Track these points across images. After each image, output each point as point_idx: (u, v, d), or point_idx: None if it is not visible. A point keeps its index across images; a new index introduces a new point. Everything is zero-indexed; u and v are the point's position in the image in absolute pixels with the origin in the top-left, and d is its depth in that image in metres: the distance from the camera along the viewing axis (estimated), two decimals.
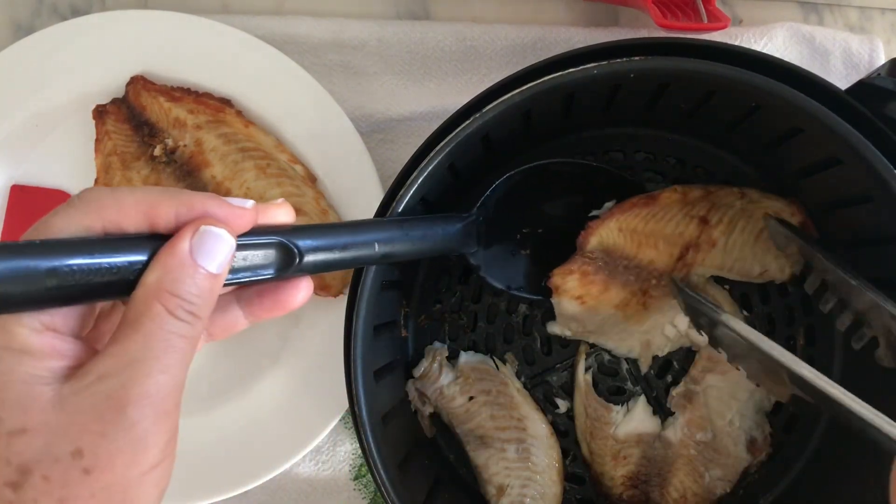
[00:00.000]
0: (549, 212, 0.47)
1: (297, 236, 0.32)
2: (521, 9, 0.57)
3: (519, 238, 0.47)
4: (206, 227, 0.28)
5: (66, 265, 0.25)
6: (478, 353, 0.51)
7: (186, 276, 0.28)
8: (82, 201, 0.27)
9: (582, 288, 0.47)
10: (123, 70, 0.53)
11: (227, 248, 0.29)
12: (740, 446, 0.49)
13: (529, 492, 0.49)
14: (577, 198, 0.48)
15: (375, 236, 0.36)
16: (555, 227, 0.47)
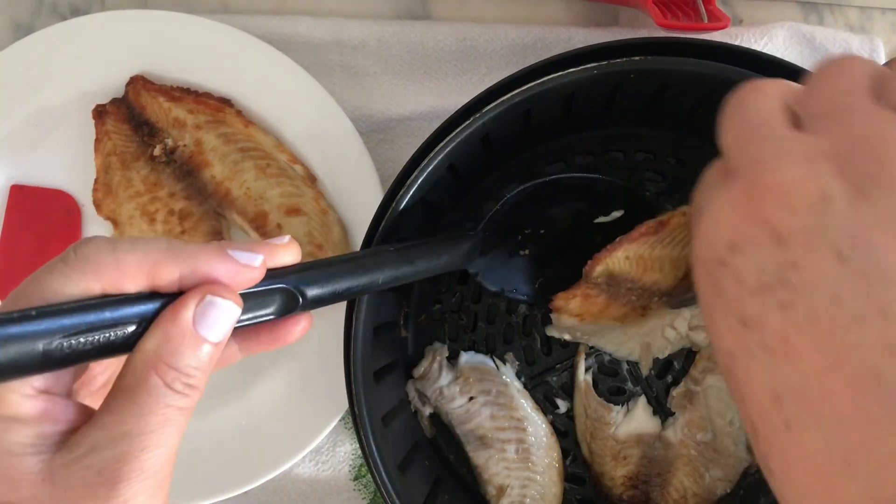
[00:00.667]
0: (553, 215, 0.46)
1: (302, 280, 0.31)
2: (521, 9, 0.57)
3: (519, 239, 0.46)
4: (212, 297, 0.27)
5: (64, 334, 0.25)
6: (478, 353, 0.51)
7: (187, 349, 0.26)
8: (80, 259, 0.26)
9: (583, 308, 0.48)
10: (123, 70, 0.53)
11: (232, 318, 0.28)
12: (741, 446, 0.49)
13: (529, 492, 0.49)
14: (582, 204, 0.47)
15: (380, 274, 0.35)
16: (557, 229, 0.46)
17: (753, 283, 0.23)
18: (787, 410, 0.22)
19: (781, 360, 0.22)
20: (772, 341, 0.23)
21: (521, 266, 0.46)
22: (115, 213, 0.52)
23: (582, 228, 0.46)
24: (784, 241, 0.23)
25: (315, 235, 0.52)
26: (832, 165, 0.23)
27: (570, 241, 0.46)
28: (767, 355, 0.23)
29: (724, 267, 0.24)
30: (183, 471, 0.52)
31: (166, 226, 0.52)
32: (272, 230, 0.52)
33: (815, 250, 0.22)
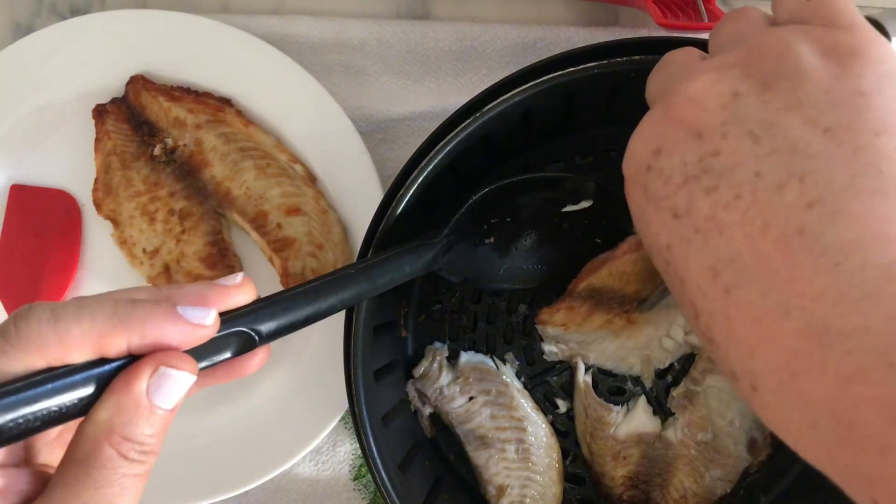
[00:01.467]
0: (521, 203, 0.45)
1: (258, 319, 0.30)
2: (521, 9, 0.57)
3: (485, 229, 0.44)
4: (167, 369, 0.26)
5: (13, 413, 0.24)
6: (478, 353, 0.51)
7: (141, 418, 0.26)
8: (20, 337, 0.25)
9: (567, 318, 0.49)
10: (123, 70, 0.53)
11: (186, 385, 0.27)
12: (741, 446, 0.49)
13: (529, 492, 0.49)
14: (552, 193, 0.46)
15: (340, 297, 0.34)
16: (523, 217, 0.45)
17: (679, 178, 0.26)
18: (725, 278, 0.24)
19: (714, 237, 0.24)
20: (703, 223, 0.25)
21: (486, 254, 0.45)
22: (115, 213, 0.52)
23: (549, 216, 0.45)
24: (702, 135, 0.25)
25: (315, 235, 0.52)
26: (738, 70, 0.26)
27: (537, 227, 0.45)
28: (700, 236, 0.25)
29: (649, 171, 0.27)
30: (183, 471, 0.52)
31: (166, 225, 0.52)
32: (272, 230, 0.52)
33: (732, 137, 0.25)
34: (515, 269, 0.46)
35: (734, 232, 0.24)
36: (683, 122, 0.26)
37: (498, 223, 0.43)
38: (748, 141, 0.24)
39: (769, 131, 0.24)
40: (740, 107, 0.25)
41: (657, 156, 0.27)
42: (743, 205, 0.24)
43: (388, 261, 0.37)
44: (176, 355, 0.27)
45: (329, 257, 0.52)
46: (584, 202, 0.45)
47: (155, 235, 0.52)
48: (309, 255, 0.51)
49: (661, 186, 0.26)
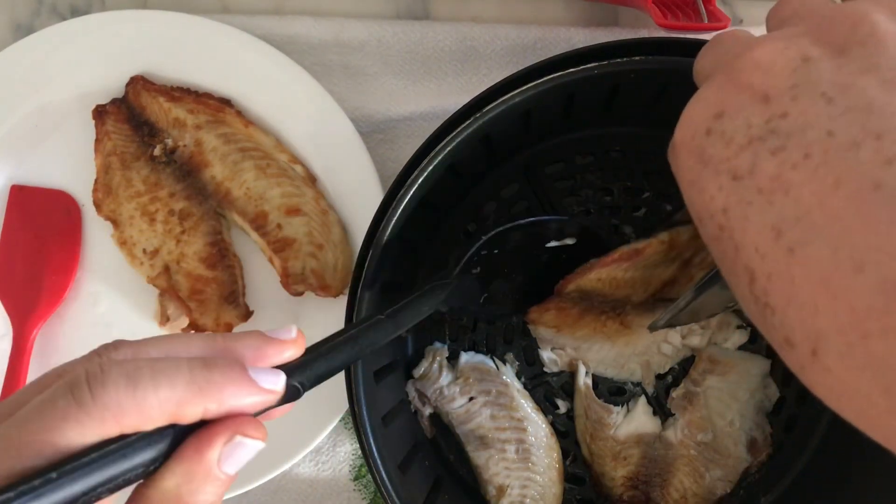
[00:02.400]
0: (508, 237, 0.45)
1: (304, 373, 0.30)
2: (521, 9, 0.57)
3: (475, 260, 0.44)
4: (242, 438, 0.26)
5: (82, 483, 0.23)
6: (478, 353, 0.51)
7: (209, 485, 0.26)
8: (97, 405, 0.24)
9: (558, 319, 0.49)
10: (123, 70, 0.53)
11: (255, 452, 0.27)
12: (741, 446, 0.49)
13: (529, 492, 0.49)
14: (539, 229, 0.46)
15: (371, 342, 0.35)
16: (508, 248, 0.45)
17: (743, 139, 0.25)
18: (790, 237, 0.23)
19: (779, 197, 0.23)
20: (767, 183, 0.24)
21: (472, 285, 0.45)
22: (115, 213, 0.52)
23: (532, 249, 0.45)
24: (769, 98, 0.25)
25: (315, 235, 0.52)
26: (808, 39, 0.25)
27: (519, 260, 0.46)
28: (764, 197, 0.24)
29: (709, 135, 0.26)
30: None
31: (166, 226, 0.52)
32: (272, 230, 0.52)
33: (803, 99, 0.24)
34: (495, 300, 0.46)
35: (802, 190, 0.23)
36: (750, 86, 0.25)
37: (487, 255, 0.43)
38: (821, 102, 0.23)
39: (844, 92, 0.23)
40: (812, 70, 0.24)
41: (719, 119, 0.26)
42: (813, 164, 0.23)
43: (411, 305, 0.38)
44: (251, 424, 0.27)
45: (329, 257, 0.52)
46: (568, 240, 0.45)
47: (155, 236, 0.52)
48: (309, 256, 0.51)
49: (722, 149, 0.25)
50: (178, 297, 0.51)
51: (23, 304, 0.53)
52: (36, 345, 0.53)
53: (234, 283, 0.52)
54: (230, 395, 0.26)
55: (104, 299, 0.54)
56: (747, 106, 0.25)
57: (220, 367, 0.26)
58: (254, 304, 0.53)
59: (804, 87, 0.24)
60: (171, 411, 0.25)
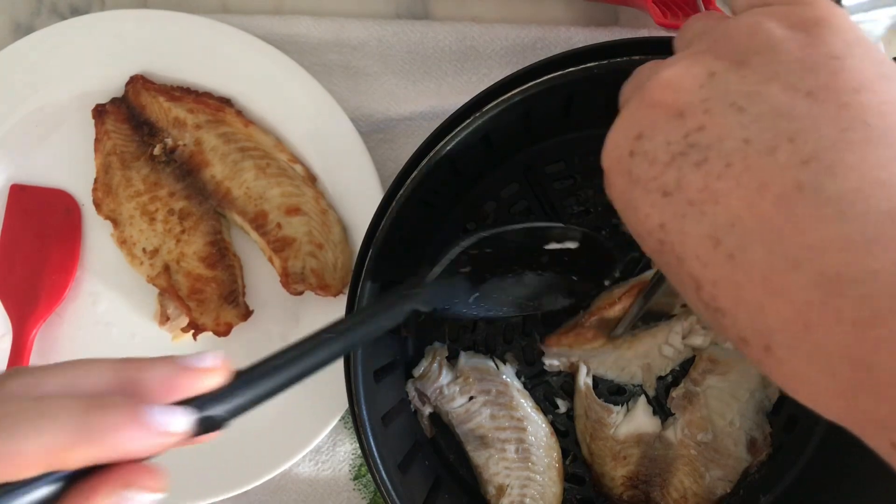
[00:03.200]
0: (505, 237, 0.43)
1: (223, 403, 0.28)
2: (521, 9, 0.57)
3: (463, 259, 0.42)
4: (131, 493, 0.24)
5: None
6: (478, 353, 0.51)
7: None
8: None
9: (573, 342, 0.50)
10: (123, 70, 0.53)
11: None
12: (741, 446, 0.49)
13: (529, 492, 0.49)
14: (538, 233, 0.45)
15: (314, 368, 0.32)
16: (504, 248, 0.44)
17: (665, 156, 0.26)
18: (727, 244, 0.24)
19: (710, 207, 0.24)
20: (696, 195, 0.25)
21: (460, 284, 0.43)
22: (114, 213, 0.52)
23: (531, 250, 0.44)
24: (684, 114, 0.26)
25: (315, 235, 0.52)
26: (710, 55, 0.26)
27: (516, 260, 0.44)
28: (695, 208, 0.25)
29: (632, 156, 0.27)
30: (183, 471, 0.52)
31: (166, 225, 0.52)
32: (272, 230, 0.52)
33: (715, 111, 0.25)
34: (488, 298, 0.44)
35: (730, 198, 0.24)
36: (662, 104, 0.26)
37: (477, 254, 0.42)
38: (732, 112, 0.25)
39: (752, 101, 0.24)
40: (719, 83, 0.25)
41: (639, 140, 0.27)
42: (735, 171, 0.24)
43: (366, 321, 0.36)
44: (143, 474, 0.24)
45: (329, 257, 0.52)
46: (569, 243, 0.45)
47: (155, 235, 0.52)
48: (309, 255, 0.51)
49: (647, 168, 0.26)
50: (178, 297, 0.51)
51: (23, 304, 0.53)
52: (36, 345, 0.53)
53: (233, 282, 0.52)
54: (122, 439, 0.24)
55: (104, 299, 0.54)
56: (663, 124, 0.26)
57: (113, 407, 0.24)
58: (254, 304, 0.53)
59: (715, 100, 0.25)
60: (49, 460, 0.23)
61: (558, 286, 0.46)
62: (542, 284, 0.46)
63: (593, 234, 0.44)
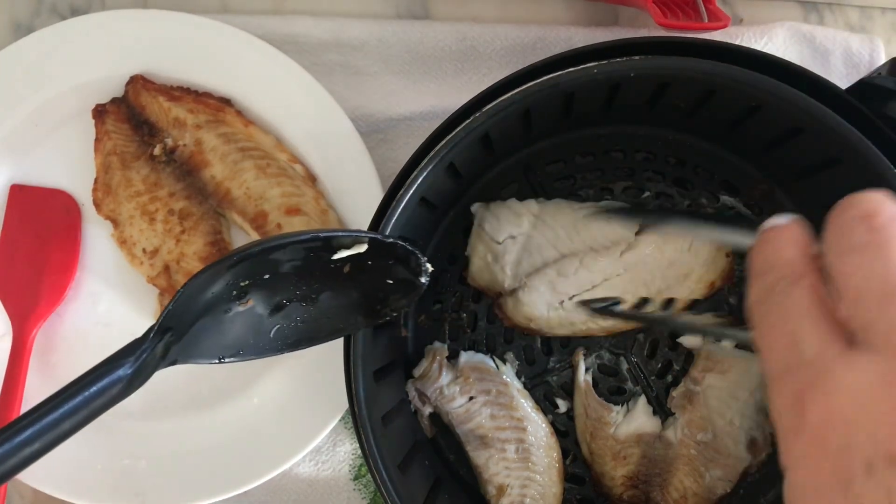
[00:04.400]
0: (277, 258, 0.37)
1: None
2: (521, 9, 0.57)
3: (234, 294, 0.36)
4: None
5: None
6: (478, 352, 0.51)
7: None
8: None
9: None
10: (123, 70, 0.53)
11: None
12: (741, 446, 0.49)
13: (529, 492, 0.49)
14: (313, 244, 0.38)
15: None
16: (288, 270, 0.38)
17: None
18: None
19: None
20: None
21: (246, 320, 0.38)
22: (114, 213, 0.52)
23: (323, 263, 0.39)
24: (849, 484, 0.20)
25: None
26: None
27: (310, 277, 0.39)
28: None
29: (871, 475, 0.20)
30: (183, 471, 0.52)
31: (166, 225, 0.52)
32: (272, 230, 0.52)
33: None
34: (291, 328, 0.40)
35: None
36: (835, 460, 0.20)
37: (252, 283, 0.37)
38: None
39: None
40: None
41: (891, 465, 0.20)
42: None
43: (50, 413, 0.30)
44: None
45: None
46: (358, 246, 0.39)
47: (155, 235, 0.52)
48: None
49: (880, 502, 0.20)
50: None
51: (23, 304, 0.53)
52: (36, 345, 0.53)
53: None
54: None
55: (104, 299, 0.54)
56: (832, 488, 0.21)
57: None
58: None
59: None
60: None
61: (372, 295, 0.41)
62: (351, 297, 0.41)
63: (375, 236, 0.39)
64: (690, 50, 0.40)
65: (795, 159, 0.45)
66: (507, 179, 0.52)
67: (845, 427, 0.20)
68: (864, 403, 0.20)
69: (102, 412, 0.32)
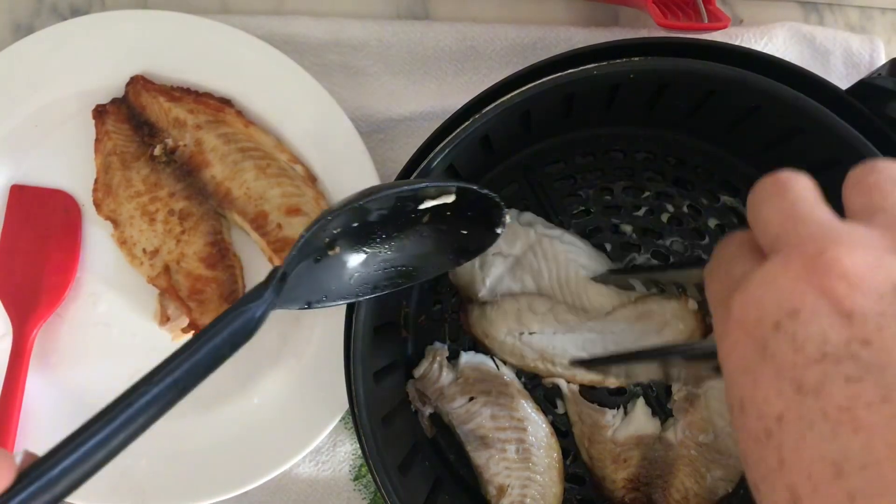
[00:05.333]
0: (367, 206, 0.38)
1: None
2: (521, 9, 0.57)
3: (326, 242, 0.38)
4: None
5: None
6: (478, 353, 0.51)
7: None
8: None
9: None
10: (123, 70, 0.53)
11: None
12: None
13: (530, 492, 0.49)
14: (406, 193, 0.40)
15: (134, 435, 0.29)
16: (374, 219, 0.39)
17: (815, 352, 0.23)
18: (851, 483, 0.21)
19: (846, 432, 0.21)
20: (833, 412, 0.22)
21: (331, 267, 0.39)
22: (114, 213, 0.52)
23: (405, 212, 0.40)
24: (853, 318, 0.23)
25: None
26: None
27: (392, 226, 0.40)
28: (828, 425, 0.22)
29: (777, 330, 0.24)
30: (183, 471, 0.52)
31: (166, 226, 0.52)
32: (272, 230, 0.52)
33: (888, 333, 0.22)
34: (371, 274, 0.41)
35: (874, 437, 0.21)
36: (832, 294, 0.23)
37: (343, 231, 0.38)
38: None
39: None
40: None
41: (792, 317, 0.24)
42: (890, 411, 0.21)
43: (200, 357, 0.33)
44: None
45: None
46: (445, 197, 0.40)
47: (155, 235, 0.52)
48: None
49: (789, 352, 0.23)
50: (178, 297, 0.51)
51: (23, 304, 0.53)
52: (36, 345, 0.53)
53: (234, 283, 0.52)
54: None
55: (104, 299, 0.54)
56: (825, 316, 0.23)
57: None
58: None
59: (892, 320, 0.22)
60: None
61: (447, 244, 0.43)
62: (428, 246, 0.42)
63: (469, 186, 0.40)
64: (690, 51, 0.40)
65: (795, 160, 0.45)
66: (507, 179, 0.52)
67: (757, 304, 0.25)
68: (770, 283, 0.25)
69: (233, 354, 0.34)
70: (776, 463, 0.24)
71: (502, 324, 0.49)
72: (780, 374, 0.24)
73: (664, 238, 0.51)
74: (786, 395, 0.23)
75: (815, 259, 0.24)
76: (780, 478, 0.23)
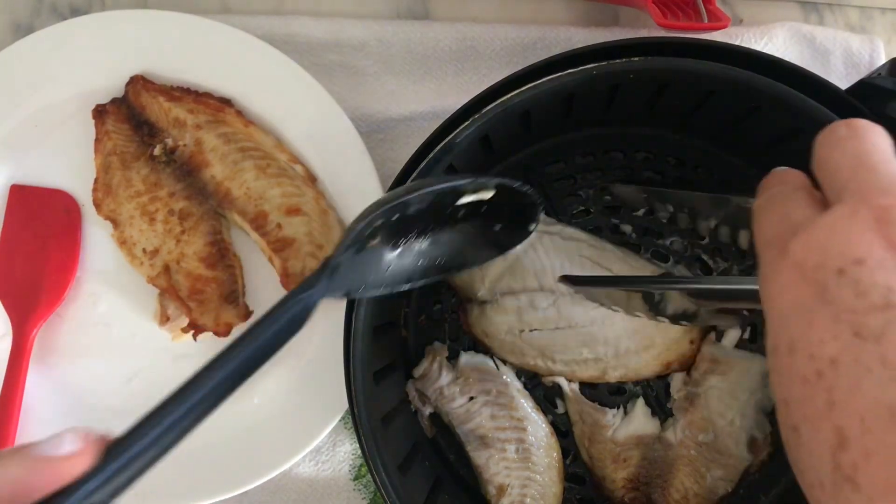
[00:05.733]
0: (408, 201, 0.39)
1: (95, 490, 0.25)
2: (521, 9, 0.57)
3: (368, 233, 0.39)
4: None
5: None
6: (478, 353, 0.51)
7: None
8: None
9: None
10: (123, 70, 0.53)
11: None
12: (741, 446, 0.49)
13: (530, 492, 0.49)
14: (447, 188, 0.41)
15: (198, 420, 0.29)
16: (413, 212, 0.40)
17: (879, 299, 0.23)
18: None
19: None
20: (893, 358, 0.22)
21: (370, 258, 0.40)
22: (114, 213, 0.52)
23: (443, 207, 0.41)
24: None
25: (315, 236, 0.52)
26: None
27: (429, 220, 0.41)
28: (888, 372, 0.22)
29: (841, 276, 0.24)
30: (183, 470, 0.52)
31: (166, 226, 0.52)
32: (272, 230, 0.52)
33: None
34: (405, 266, 0.42)
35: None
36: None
37: (383, 224, 0.39)
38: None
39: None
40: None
41: (858, 265, 0.24)
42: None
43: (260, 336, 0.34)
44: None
45: None
46: (484, 192, 0.41)
47: (155, 235, 0.52)
48: (309, 256, 0.51)
49: (851, 298, 0.23)
50: (178, 297, 0.51)
51: (23, 304, 0.53)
52: (36, 345, 0.53)
53: (233, 282, 0.52)
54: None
55: (104, 299, 0.54)
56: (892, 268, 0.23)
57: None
58: (254, 304, 0.53)
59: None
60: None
61: (480, 239, 0.44)
62: (461, 240, 0.43)
63: (509, 184, 0.41)
64: (690, 51, 0.40)
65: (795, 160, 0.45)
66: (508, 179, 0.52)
67: (821, 250, 0.25)
68: (836, 231, 0.25)
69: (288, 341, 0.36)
70: (824, 404, 0.23)
71: (503, 322, 0.49)
72: (839, 318, 0.24)
73: (664, 238, 0.51)
74: (843, 339, 0.23)
75: (886, 211, 0.24)
76: (828, 419, 0.23)
